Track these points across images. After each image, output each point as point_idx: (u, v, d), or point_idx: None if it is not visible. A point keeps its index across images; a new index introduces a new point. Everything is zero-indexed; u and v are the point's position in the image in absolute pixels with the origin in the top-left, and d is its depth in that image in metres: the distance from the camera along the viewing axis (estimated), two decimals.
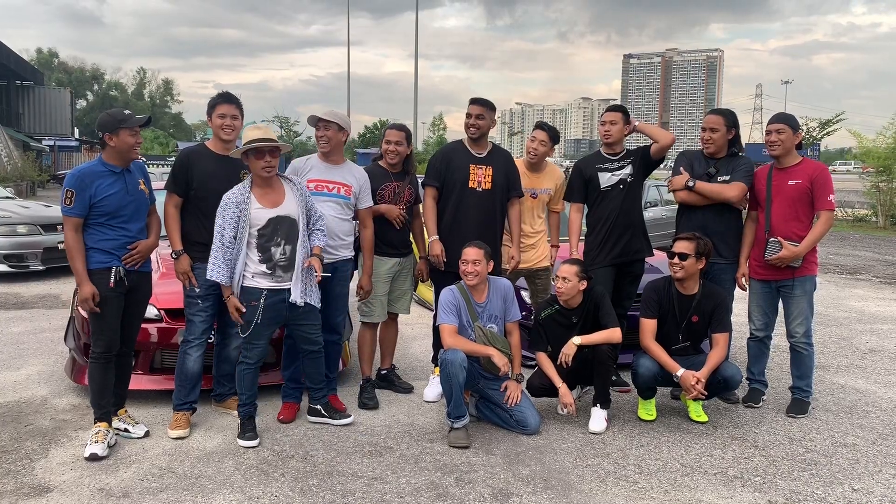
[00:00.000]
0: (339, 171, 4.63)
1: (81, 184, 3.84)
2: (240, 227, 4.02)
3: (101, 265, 3.91)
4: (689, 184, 4.77)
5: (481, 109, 4.80)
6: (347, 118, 4.68)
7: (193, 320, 4.31)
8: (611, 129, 5.00)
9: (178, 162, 4.37)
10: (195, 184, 4.28)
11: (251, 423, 4.18)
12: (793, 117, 4.74)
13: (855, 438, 4.38)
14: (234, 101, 4.40)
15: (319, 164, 4.62)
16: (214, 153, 4.38)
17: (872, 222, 20.07)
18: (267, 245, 4.05)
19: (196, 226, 4.31)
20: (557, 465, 3.93)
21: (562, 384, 4.46)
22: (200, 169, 4.30)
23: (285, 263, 4.10)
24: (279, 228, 4.07)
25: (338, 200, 4.56)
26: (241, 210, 4.02)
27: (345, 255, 4.64)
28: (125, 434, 4.17)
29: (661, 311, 4.58)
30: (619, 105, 5.28)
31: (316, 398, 4.46)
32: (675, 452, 4.13)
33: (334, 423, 4.41)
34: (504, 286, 4.57)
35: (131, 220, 4.01)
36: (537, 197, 5.21)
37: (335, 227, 4.53)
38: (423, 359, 5.91)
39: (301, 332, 4.28)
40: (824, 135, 28.03)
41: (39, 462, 3.85)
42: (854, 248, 14.71)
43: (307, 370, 4.43)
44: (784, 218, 4.61)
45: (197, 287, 4.26)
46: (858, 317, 8.04)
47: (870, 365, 6.05)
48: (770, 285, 4.77)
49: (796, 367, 4.81)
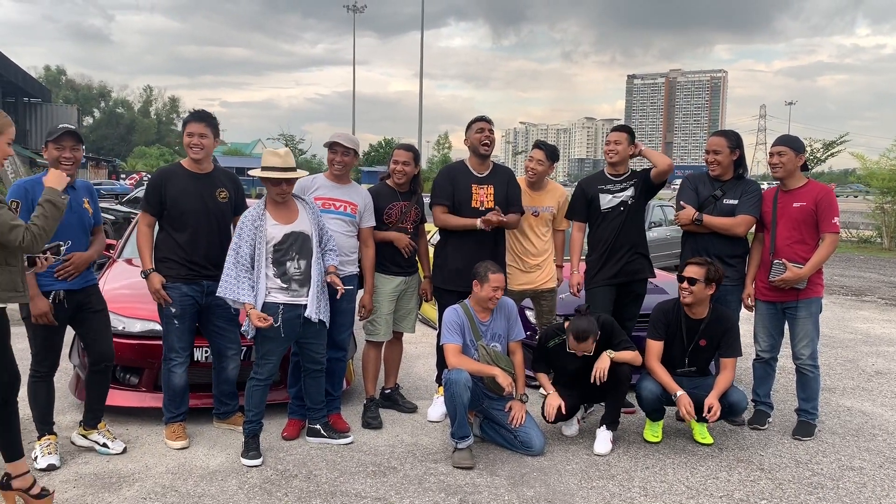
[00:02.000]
0: (345, 190, 4.70)
1: (25, 193, 3.78)
2: (256, 244, 4.05)
3: (41, 289, 3.84)
4: (696, 219, 4.76)
5: (491, 126, 4.90)
6: (359, 144, 4.77)
7: (172, 339, 4.30)
8: (615, 149, 4.99)
9: (152, 181, 4.38)
10: (169, 202, 4.27)
11: (255, 441, 4.18)
12: (797, 139, 4.75)
13: (862, 462, 4.35)
14: (204, 119, 4.35)
15: (327, 183, 4.69)
16: (188, 171, 4.38)
17: (878, 244, 20.03)
18: (282, 259, 4.10)
19: (170, 245, 4.30)
20: (562, 487, 3.91)
21: (553, 391, 4.49)
22: (174, 187, 4.29)
23: (300, 278, 4.13)
24: (294, 244, 4.13)
25: (343, 218, 4.62)
26: (256, 227, 4.06)
27: (350, 270, 4.66)
28: (103, 449, 4.16)
29: (668, 333, 4.57)
30: (624, 125, 5.27)
31: (315, 418, 4.45)
32: (680, 475, 4.11)
33: (334, 443, 4.40)
34: (508, 305, 4.57)
35: (73, 237, 3.92)
36: (539, 215, 5.21)
37: (341, 244, 4.56)
38: (427, 378, 5.90)
39: (308, 349, 4.30)
40: (828, 156, 28.05)
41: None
42: (859, 270, 14.68)
43: (308, 389, 4.43)
44: (789, 240, 4.61)
45: (172, 307, 4.25)
46: (864, 339, 8.01)
47: (876, 387, 6.01)
48: (776, 307, 4.75)
49: (802, 390, 4.78)
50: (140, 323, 4.69)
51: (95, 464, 4.06)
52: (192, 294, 4.29)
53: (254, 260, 4.06)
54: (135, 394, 4.73)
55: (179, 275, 4.25)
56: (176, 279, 4.25)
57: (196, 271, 4.28)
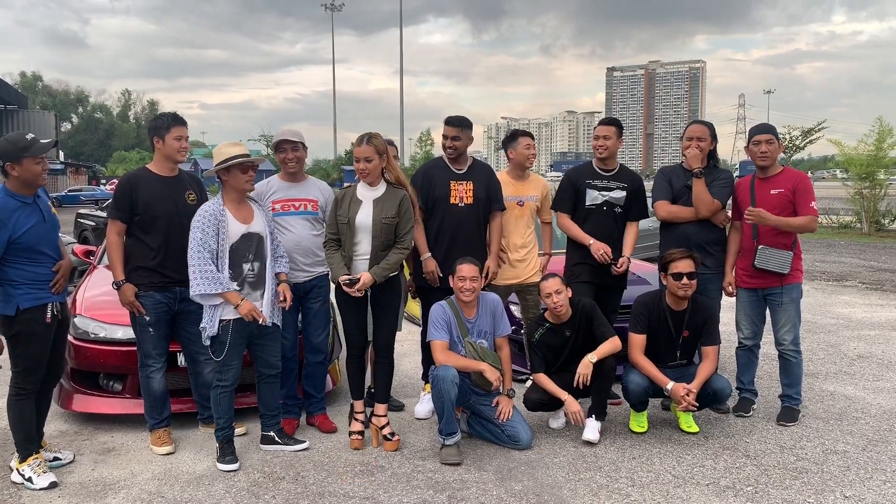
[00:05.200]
0: (302, 188, 4.62)
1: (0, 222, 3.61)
2: (219, 241, 3.98)
3: (37, 302, 3.77)
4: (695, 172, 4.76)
5: (456, 130, 4.81)
6: (301, 133, 4.63)
7: (147, 346, 4.25)
8: (605, 144, 4.98)
9: (121, 188, 4.26)
10: (141, 207, 4.20)
11: (230, 446, 4.12)
12: (774, 128, 4.81)
13: (845, 445, 4.40)
14: (185, 123, 4.34)
15: (282, 184, 4.60)
16: (158, 175, 4.31)
17: (857, 229, 20.23)
18: (238, 261, 4.03)
19: (141, 251, 4.23)
20: (550, 480, 3.92)
21: (567, 395, 4.45)
22: (145, 192, 4.21)
23: (253, 280, 4.09)
24: (250, 245, 4.08)
25: (307, 217, 4.56)
26: (219, 223, 3.99)
27: (321, 271, 4.62)
28: (56, 462, 4.07)
29: (650, 326, 4.58)
30: (612, 119, 5.21)
31: (269, 425, 4.37)
32: (666, 464, 4.13)
33: (289, 450, 4.31)
34: (493, 301, 4.57)
35: (54, 246, 3.88)
36: (524, 205, 5.19)
37: (308, 244, 4.52)
38: (413, 376, 5.89)
39: (263, 353, 4.25)
40: (807, 143, 28.34)
41: (27, 490, 3.80)
42: (840, 255, 14.82)
43: (262, 395, 4.34)
44: (770, 226, 4.65)
45: (146, 316, 4.21)
46: (846, 323, 8.09)
47: (858, 371, 6.08)
48: (757, 294, 4.79)
49: (785, 375, 4.83)
50: (122, 329, 4.64)
51: (80, 472, 4.03)
52: (166, 301, 4.25)
53: (217, 259, 3.98)
54: (119, 401, 4.70)
55: (152, 282, 4.19)
56: (149, 287, 4.19)
57: (168, 276, 4.22)
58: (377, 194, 4.34)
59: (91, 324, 4.74)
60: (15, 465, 3.92)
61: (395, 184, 4.41)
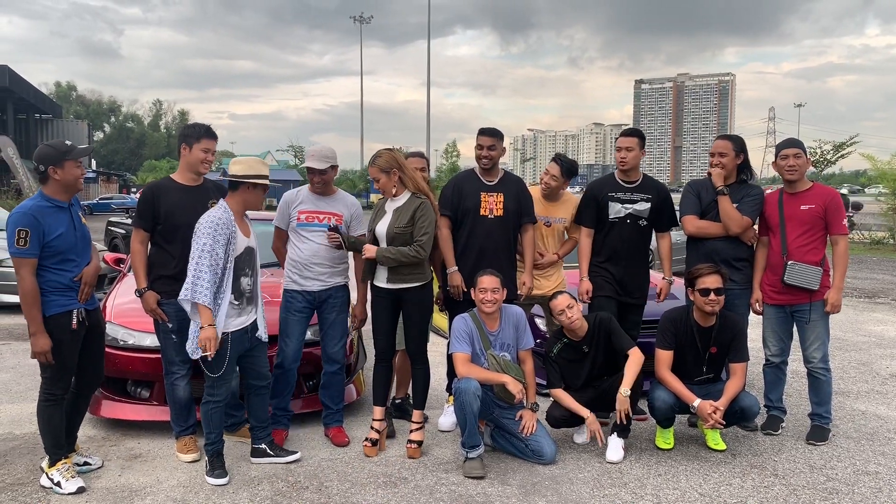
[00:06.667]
0: (329, 201, 4.65)
1: (34, 222, 3.68)
2: (228, 251, 3.94)
3: (62, 308, 3.81)
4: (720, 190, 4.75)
5: (492, 140, 4.79)
6: (334, 152, 4.64)
7: (171, 352, 4.28)
8: (627, 156, 4.94)
9: (144, 197, 4.31)
10: (163, 217, 4.24)
11: (220, 460, 4.09)
12: (802, 142, 4.77)
13: (877, 466, 4.31)
14: (216, 137, 4.39)
15: (310, 195, 4.64)
16: (181, 185, 4.34)
17: (890, 245, 19.88)
18: (238, 275, 4.01)
19: (164, 259, 4.27)
20: (574, 496, 3.89)
21: (588, 413, 4.42)
22: (167, 202, 4.25)
23: (249, 294, 4.11)
24: (249, 258, 4.10)
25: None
26: (230, 232, 3.96)
27: (338, 281, 4.65)
28: (86, 468, 4.12)
29: (678, 342, 4.53)
30: (634, 129, 5.17)
31: (259, 437, 4.34)
32: (693, 482, 4.08)
33: (280, 462, 4.29)
34: (516, 314, 4.56)
35: (82, 255, 3.92)
36: (551, 226, 5.19)
37: (326, 254, 4.55)
38: (437, 388, 5.87)
39: (254, 365, 4.25)
40: (838, 158, 27.92)
41: (55, 495, 3.85)
42: (872, 272, 14.57)
43: (252, 407, 4.32)
44: (800, 242, 4.60)
45: (169, 323, 4.24)
46: (878, 341, 7.94)
47: (891, 390, 5.95)
48: (784, 310, 4.73)
49: (814, 394, 4.75)
50: (150, 337, 4.68)
51: (107, 478, 4.07)
52: None
53: (224, 271, 3.92)
54: (146, 407, 4.75)
55: (174, 291, 4.20)
56: (171, 295, 4.19)
57: None
58: (398, 204, 4.47)
59: (120, 331, 4.80)
60: (45, 468, 3.97)
61: (418, 193, 4.46)
